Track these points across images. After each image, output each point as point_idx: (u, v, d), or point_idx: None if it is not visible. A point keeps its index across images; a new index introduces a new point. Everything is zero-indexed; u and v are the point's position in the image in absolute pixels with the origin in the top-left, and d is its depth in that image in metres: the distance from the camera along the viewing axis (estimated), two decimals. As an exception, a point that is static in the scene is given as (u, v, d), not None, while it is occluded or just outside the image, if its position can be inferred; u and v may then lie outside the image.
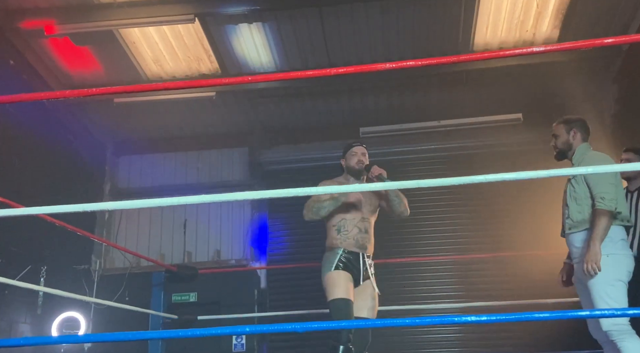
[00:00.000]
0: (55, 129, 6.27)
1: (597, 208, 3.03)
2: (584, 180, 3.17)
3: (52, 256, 5.76)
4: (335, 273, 3.40)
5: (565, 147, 3.34)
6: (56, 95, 2.43)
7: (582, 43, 2.08)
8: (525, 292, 5.63)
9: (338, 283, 3.36)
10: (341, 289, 3.33)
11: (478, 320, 1.82)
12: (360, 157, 3.74)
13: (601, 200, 3.03)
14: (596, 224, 3.00)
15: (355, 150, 3.77)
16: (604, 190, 3.06)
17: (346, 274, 3.41)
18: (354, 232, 3.51)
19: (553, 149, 3.40)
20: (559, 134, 3.35)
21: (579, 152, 3.31)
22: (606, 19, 5.63)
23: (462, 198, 6.68)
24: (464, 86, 6.51)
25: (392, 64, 2.12)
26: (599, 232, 2.98)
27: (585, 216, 3.15)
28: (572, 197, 3.22)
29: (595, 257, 2.94)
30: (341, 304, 3.29)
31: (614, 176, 3.19)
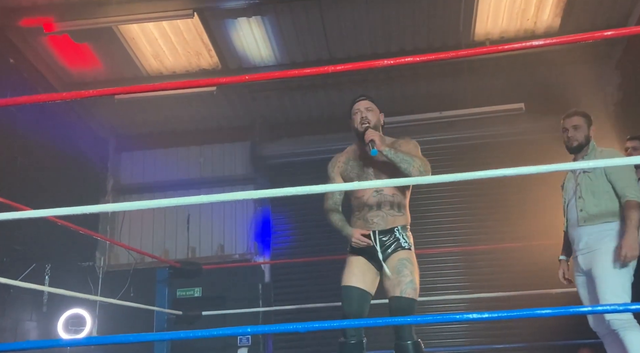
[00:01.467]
0: (56, 126, 6.27)
1: (630, 200, 3.08)
2: (604, 175, 3.19)
3: (56, 254, 5.79)
4: (348, 258, 3.09)
5: (585, 141, 3.33)
6: (55, 97, 2.43)
7: (581, 36, 2.06)
8: (531, 282, 5.62)
9: (346, 269, 3.06)
10: (345, 276, 3.02)
11: (480, 317, 1.82)
12: (365, 113, 3.05)
13: (633, 191, 3.10)
14: (631, 215, 3.05)
15: (356, 106, 3.10)
16: (631, 184, 3.13)
17: (356, 258, 3.05)
18: (364, 212, 3.05)
19: (570, 140, 3.33)
20: (581, 126, 3.32)
21: (590, 147, 3.33)
22: (607, 7, 5.58)
23: (466, 189, 6.67)
24: (466, 76, 6.47)
25: (390, 61, 2.11)
26: (635, 222, 3.03)
27: (603, 210, 3.17)
28: (588, 190, 3.22)
29: (634, 245, 2.98)
30: (342, 293, 3.01)
31: (634, 170, 3.27)
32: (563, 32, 5.77)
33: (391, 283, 2.91)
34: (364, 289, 2.97)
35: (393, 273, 2.92)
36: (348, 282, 2.98)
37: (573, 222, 3.30)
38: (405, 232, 3.05)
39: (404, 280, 2.88)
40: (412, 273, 2.92)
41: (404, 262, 2.93)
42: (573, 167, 3.18)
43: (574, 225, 3.29)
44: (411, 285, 2.88)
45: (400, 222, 3.03)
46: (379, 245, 2.98)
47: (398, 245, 2.99)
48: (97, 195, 7.05)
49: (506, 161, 6.18)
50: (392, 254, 2.97)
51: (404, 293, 2.86)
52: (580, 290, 3.32)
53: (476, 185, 6.54)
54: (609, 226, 3.15)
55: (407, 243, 3.02)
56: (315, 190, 2.81)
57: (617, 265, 3.03)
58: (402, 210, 3.06)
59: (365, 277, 2.99)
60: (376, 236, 2.99)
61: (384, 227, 3.00)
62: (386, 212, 3.01)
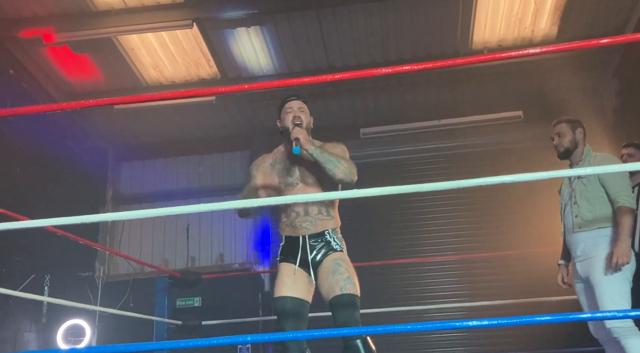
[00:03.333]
0: (56, 136, 6.28)
1: (622, 206, 3.09)
2: (597, 180, 3.20)
3: (55, 264, 5.78)
4: (278, 267, 2.93)
5: (572, 146, 3.34)
6: (55, 108, 2.44)
7: (578, 44, 2.08)
8: (529, 290, 5.61)
9: (277, 279, 2.88)
10: (276, 287, 2.85)
11: (479, 324, 1.82)
12: (297, 113, 2.93)
13: (625, 197, 3.10)
14: (623, 221, 3.06)
15: (289, 105, 2.98)
16: (624, 189, 3.14)
17: (286, 266, 2.88)
18: (292, 217, 2.90)
19: (557, 148, 3.37)
20: (564, 133, 3.35)
21: (585, 153, 3.34)
22: (604, 15, 5.62)
23: (465, 196, 6.68)
24: (464, 85, 6.50)
25: (389, 69, 2.12)
26: (627, 228, 3.04)
27: (597, 215, 3.18)
28: (583, 196, 3.23)
29: (626, 251, 2.99)
30: (275, 306, 2.83)
31: (627, 176, 3.28)
32: (560, 40, 5.81)
33: (328, 284, 2.75)
34: (297, 298, 2.80)
35: (328, 275, 2.76)
36: (279, 292, 2.82)
37: (569, 228, 3.31)
38: (337, 235, 2.91)
39: (341, 277, 2.74)
40: (348, 271, 2.77)
41: (337, 262, 2.80)
42: (569, 174, 3.19)
43: (570, 231, 3.30)
44: (350, 281, 2.73)
45: (330, 226, 2.90)
46: (310, 250, 2.84)
47: (329, 248, 2.85)
48: (97, 205, 7.05)
49: (505, 169, 6.20)
50: (325, 257, 2.84)
51: (344, 289, 2.71)
52: (580, 296, 3.32)
53: (475, 193, 6.55)
54: (604, 232, 3.16)
55: (339, 245, 2.88)
56: (312, 198, 2.83)
57: (608, 272, 3.03)
58: (331, 213, 2.92)
59: (297, 284, 2.82)
60: (306, 240, 2.86)
61: (314, 231, 2.87)
62: (314, 217, 2.88)
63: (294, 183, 2.92)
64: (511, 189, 6.29)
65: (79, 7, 5.34)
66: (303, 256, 2.85)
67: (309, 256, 2.84)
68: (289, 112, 2.96)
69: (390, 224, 6.65)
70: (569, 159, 3.38)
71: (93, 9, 5.37)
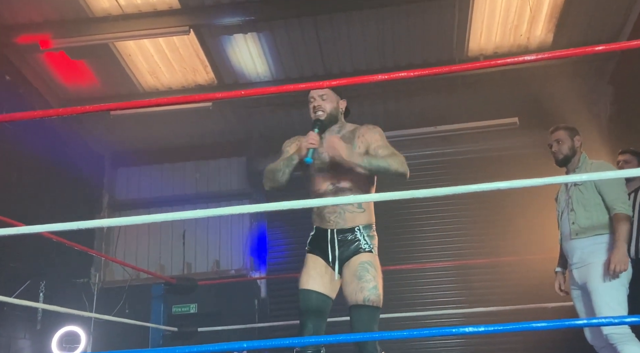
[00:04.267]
0: (52, 142, 6.27)
1: (618, 213, 3.11)
2: (594, 187, 3.21)
3: (51, 270, 5.75)
4: (306, 257, 2.80)
5: (570, 153, 3.36)
6: (51, 113, 2.43)
7: (573, 51, 2.09)
8: (526, 297, 5.61)
9: (303, 270, 2.76)
10: (302, 278, 2.74)
11: (476, 331, 1.81)
12: (318, 101, 2.75)
13: (622, 204, 3.12)
14: (620, 228, 3.07)
15: (310, 94, 2.80)
16: (622, 196, 3.16)
17: (314, 258, 2.76)
18: (321, 207, 2.73)
19: (555, 155, 3.39)
20: (563, 140, 3.36)
21: (581, 160, 3.36)
22: (599, 23, 5.65)
23: (461, 203, 6.68)
24: (460, 91, 6.52)
25: (385, 76, 2.13)
26: (624, 235, 3.06)
27: (594, 222, 3.19)
28: (579, 203, 3.24)
29: (623, 258, 3.00)
30: (299, 297, 2.71)
31: (623, 183, 3.31)
32: (556, 47, 5.84)
33: (352, 289, 2.60)
34: (322, 293, 2.68)
35: (354, 279, 2.61)
36: (305, 285, 2.69)
37: (566, 235, 3.32)
38: (368, 232, 2.72)
39: (367, 286, 2.57)
40: (375, 279, 2.61)
41: (365, 266, 2.62)
42: (565, 181, 3.20)
43: (567, 238, 3.31)
44: (374, 291, 2.58)
45: (361, 221, 2.71)
46: (337, 246, 2.67)
47: (359, 247, 2.67)
48: (93, 211, 7.03)
49: (501, 175, 6.22)
50: (352, 257, 2.66)
51: (367, 301, 2.56)
52: (577, 303, 3.33)
53: (471, 199, 6.56)
54: (601, 239, 3.17)
55: (369, 245, 2.69)
56: (310, 204, 2.80)
57: (606, 278, 3.04)
58: (362, 205, 2.72)
59: (323, 279, 2.69)
60: (334, 236, 2.69)
61: (343, 226, 2.69)
62: (343, 208, 2.69)
63: (323, 170, 2.75)
64: (508, 195, 6.31)
65: (76, 13, 5.34)
66: (331, 252, 2.70)
67: (336, 252, 2.69)
68: (311, 101, 2.79)
69: (387, 230, 6.59)
70: (566, 166, 3.39)
71: (90, 15, 5.37)
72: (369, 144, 2.73)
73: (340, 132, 2.81)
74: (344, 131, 2.81)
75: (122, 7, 5.32)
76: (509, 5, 5.45)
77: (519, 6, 5.44)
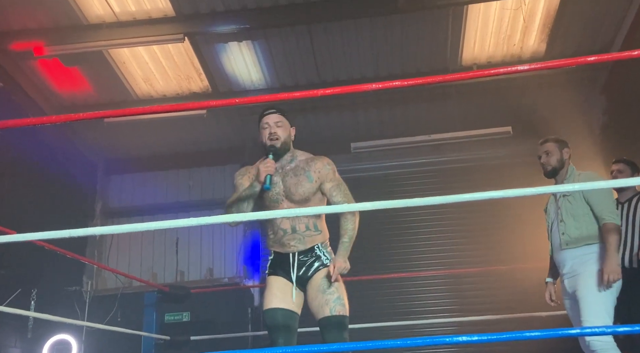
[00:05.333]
0: (45, 149, 6.24)
1: (607, 223, 3.13)
2: (583, 198, 3.23)
3: (42, 278, 5.71)
4: (267, 280, 2.90)
5: (559, 165, 3.38)
6: (44, 121, 2.43)
7: (566, 61, 2.11)
8: (519, 305, 5.62)
9: (266, 291, 2.86)
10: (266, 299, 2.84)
11: (470, 340, 1.81)
12: (274, 128, 2.84)
13: (610, 214, 3.14)
14: (610, 238, 3.09)
15: (265, 120, 2.87)
16: (610, 206, 3.19)
17: (276, 278, 2.86)
18: (279, 235, 2.85)
19: (544, 166, 3.42)
20: (552, 152, 3.39)
21: (569, 172, 3.38)
22: (592, 33, 5.70)
23: (454, 212, 6.70)
24: (454, 100, 6.55)
25: (379, 85, 2.14)
26: (615, 245, 3.07)
27: (584, 232, 3.20)
28: (569, 213, 3.26)
29: (615, 269, 3.02)
30: (265, 318, 2.83)
31: (612, 193, 3.37)
32: (549, 57, 5.88)
33: (318, 303, 2.74)
34: (287, 309, 2.80)
35: (318, 293, 2.75)
36: (269, 304, 2.80)
37: (556, 245, 3.34)
38: (326, 249, 2.88)
39: (331, 298, 2.72)
40: (338, 290, 2.76)
41: (327, 280, 2.76)
42: (557, 191, 3.22)
43: (557, 248, 3.33)
44: (339, 301, 2.73)
45: (319, 240, 2.86)
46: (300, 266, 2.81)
47: (320, 264, 2.82)
48: (85, 219, 7.00)
49: (494, 184, 6.23)
50: (315, 273, 2.81)
51: (333, 311, 2.71)
52: (569, 313, 3.34)
53: (464, 208, 6.57)
54: (591, 249, 3.19)
55: (329, 259, 2.84)
56: (303, 212, 2.81)
57: (601, 288, 3.06)
58: (318, 227, 2.88)
59: (286, 297, 2.81)
60: (295, 258, 2.82)
61: (303, 248, 2.83)
62: (302, 234, 2.83)
63: (279, 200, 2.86)
64: (500, 204, 6.32)
65: (70, 20, 5.34)
66: (295, 272, 2.81)
67: (300, 272, 2.81)
68: (265, 127, 2.87)
69: (379, 239, 6.64)
70: (555, 177, 3.41)
71: (84, 22, 5.37)
72: (324, 181, 2.88)
73: (292, 161, 2.93)
74: (297, 160, 2.93)
75: (116, 14, 5.32)
76: (502, 15, 5.49)
77: (512, 16, 5.48)
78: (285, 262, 2.85)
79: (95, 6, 5.24)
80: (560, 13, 5.39)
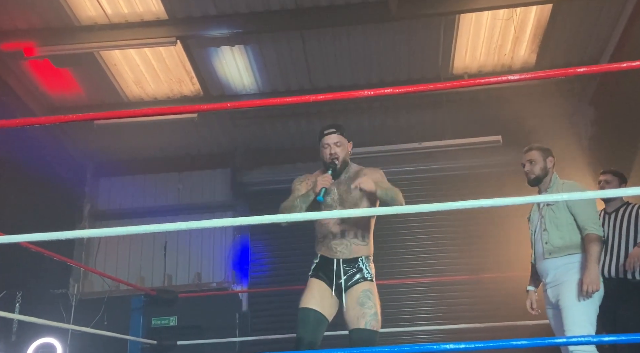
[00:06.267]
0: (34, 150, 6.19)
1: (590, 234, 3.14)
2: (566, 208, 3.24)
3: (28, 280, 5.65)
4: (309, 281, 3.07)
5: (542, 174, 3.39)
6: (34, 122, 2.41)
7: (555, 71, 2.13)
8: (507, 313, 5.63)
9: (306, 291, 3.03)
10: (304, 298, 3.00)
11: (457, 348, 1.81)
12: (334, 148, 3.06)
13: (593, 225, 3.15)
14: (592, 249, 3.10)
15: (326, 140, 3.11)
16: (593, 217, 3.19)
17: (318, 282, 3.03)
18: (327, 240, 3.05)
19: (528, 174, 3.43)
20: (535, 160, 3.40)
21: (553, 180, 3.39)
22: (582, 45, 5.77)
23: (443, 219, 6.71)
24: (445, 108, 6.59)
25: (371, 91, 2.15)
26: (596, 256, 3.08)
27: (567, 242, 3.21)
28: (552, 223, 3.27)
29: (596, 279, 3.03)
30: (299, 315, 2.96)
31: (595, 203, 3.35)
32: (539, 67, 5.93)
33: (354, 314, 2.90)
34: (321, 313, 2.95)
35: (356, 305, 2.91)
36: (306, 304, 2.96)
37: (539, 254, 3.34)
38: (369, 263, 3.05)
39: (368, 312, 2.89)
40: (375, 306, 2.93)
41: (367, 294, 2.93)
42: (546, 200, 3.25)
43: (540, 257, 3.33)
44: (375, 318, 2.90)
45: (363, 252, 3.04)
46: (342, 274, 2.98)
47: (361, 276, 2.99)
48: (73, 221, 6.94)
49: (484, 192, 6.28)
50: (355, 285, 2.97)
51: (368, 325, 2.87)
52: (552, 322, 3.35)
53: (453, 216, 6.60)
54: (573, 258, 3.19)
55: (370, 274, 3.02)
56: (295, 218, 2.81)
57: (582, 298, 3.06)
58: (366, 239, 3.06)
59: (323, 302, 2.97)
60: (340, 265, 2.99)
61: (348, 256, 3.00)
62: (350, 241, 3.02)
63: (333, 206, 3.06)
64: (489, 212, 6.35)
65: (62, 21, 5.32)
66: (336, 279, 2.98)
67: (341, 280, 2.98)
68: (326, 147, 3.09)
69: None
70: (539, 186, 3.43)
71: (76, 24, 5.35)
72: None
73: (347, 172, 3.15)
74: (351, 171, 3.15)
75: (108, 16, 5.30)
76: (494, 25, 5.54)
77: (504, 26, 5.53)
78: (329, 267, 3.01)
79: (87, 7, 5.23)
80: (550, 24, 5.44)
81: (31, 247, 3.74)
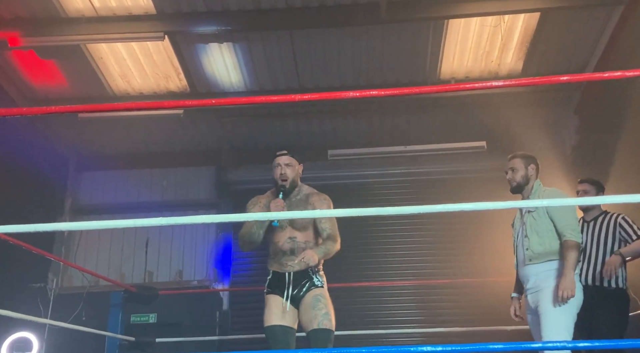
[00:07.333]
0: (15, 142, 6.11)
1: (568, 240, 3.17)
2: (546, 214, 3.28)
3: (5, 273, 5.57)
4: (266, 298, 3.28)
5: (523, 181, 3.44)
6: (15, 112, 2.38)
7: (540, 79, 2.15)
8: (485, 318, 5.68)
9: (265, 309, 3.24)
10: (266, 316, 3.22)
11: (434, 350, 1.83)
12: (284, 169, 3.28)
13: (571, 232, 3.18)
14: (569, 255, 3.13)
15: (277, 161, 3.33)
16: (572, 223, 3.22)
17: (274, 297, 3.24)
18: (279, 256, 3.28)
19: (510, 182, 3.48)
20: (517, 168, 3.45)
21: (535, 187, 3.43)
22: (567, 54, 5.83)
23: (426, 223, 6.75)
24: (431, 113, 6.62)
25: (357, 93, 2.15)
26: (572, 262, 3.11)
27: (547, 248, 3.25)
28: (533, 229, 3.31)
29: (571, 285, 3.06)
30: (266, 334, 3.20)
31: (575, 210, 3.38)
32: (525, 75, 5.98)
33: (307, 317, 3.14)
34: (285, 326, 3.18)
35: (309, 309, 3.15)
36: (269, 321, 3.19)
37: (521, 260, 3.38)
38: (318, 273, 3.27)
39: (319, 313, 3.13)
40: (327, 307, 3.17)
41: (318, 298, 3.17)
42: (527, 205, 3.28)
43: (521, 263, 3.37)
44: (327, 317, 3.14)
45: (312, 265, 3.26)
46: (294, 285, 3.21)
47: (311, 284, 3.22)
48: (54, 215, 6.85)
49: (467, 197, 6.33)
50: (307, 293, 3.20)
51: (320, 324, 3.10)
52: (531, 327, 3.38)
53: (435, 220, 6.64)
54: (553, 265, 3.23)
55: (320, 281, 3.25)
56: (277, 216, 2.83)
57: (558, 305, 3.10)
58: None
59: (284, 314, 3.19)
60: (291, 277, 3.22)
61: (299, 269, 3.22)
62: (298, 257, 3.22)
63: (283, 226, 3.28)
64: (471, 217, 6.40)
65: (49, 12, 5.25)
66: (289, 291, 3.21)
67: (294, 290, 3.21)
68: (277, 166, 3.32)
69: (350, 247, 6.62)
70: (521, 193, 3.47)
71: (62, 15, 5.29)
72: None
73: (298, 194, 3.37)
74: (302, 194, 3.37)
75: (96, 9, 5.25)
76: (482, 32, 5.58)
77: (492, 33, 5.57)
78: (281, 280, 3.24)
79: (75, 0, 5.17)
80: (537, 33, 5.50)
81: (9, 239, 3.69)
